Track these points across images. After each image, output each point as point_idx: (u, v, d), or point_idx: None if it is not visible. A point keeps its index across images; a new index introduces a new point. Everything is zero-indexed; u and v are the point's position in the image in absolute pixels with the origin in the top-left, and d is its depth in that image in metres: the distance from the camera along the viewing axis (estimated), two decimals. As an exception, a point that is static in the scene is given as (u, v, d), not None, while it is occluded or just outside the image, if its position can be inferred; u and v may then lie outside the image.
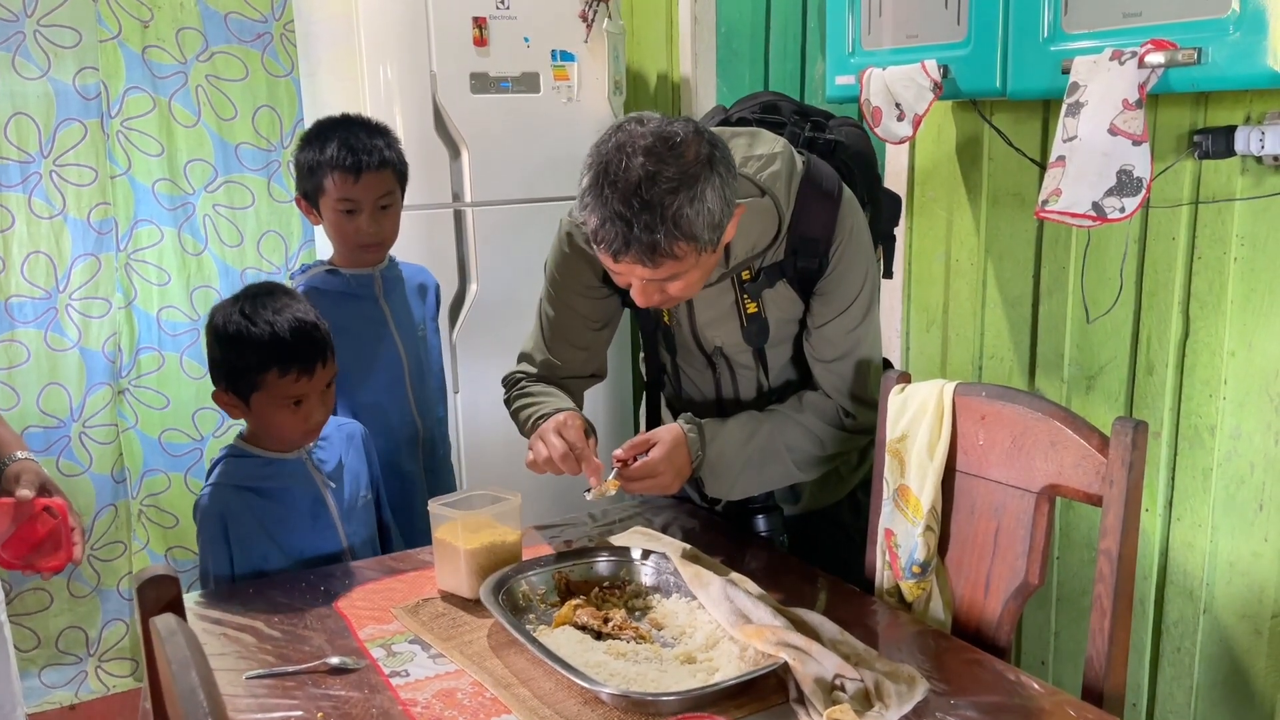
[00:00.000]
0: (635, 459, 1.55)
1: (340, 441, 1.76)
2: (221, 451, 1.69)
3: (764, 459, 1.59)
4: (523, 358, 1.76)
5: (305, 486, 1.68)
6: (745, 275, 1.55)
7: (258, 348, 1.57)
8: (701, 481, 1.62)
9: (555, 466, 1.53)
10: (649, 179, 1.29)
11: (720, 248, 1.41)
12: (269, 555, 1.63)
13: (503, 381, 1.78)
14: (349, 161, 1.88)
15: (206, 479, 1.66)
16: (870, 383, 1.59)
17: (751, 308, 1.56)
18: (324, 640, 1.36)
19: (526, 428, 1.65)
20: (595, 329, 1.71)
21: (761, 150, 1.52)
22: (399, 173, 1.99)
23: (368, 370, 1.98)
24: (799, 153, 1.56)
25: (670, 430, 1.56)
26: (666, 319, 1.63)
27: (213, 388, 1.65)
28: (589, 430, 1.59)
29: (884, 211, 1.78)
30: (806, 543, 1.72)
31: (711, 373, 1.66)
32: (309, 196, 1.96)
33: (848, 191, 1.55)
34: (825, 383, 1.60)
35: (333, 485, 1.71)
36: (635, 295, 1.43)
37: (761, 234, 1.50)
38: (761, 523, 1.72)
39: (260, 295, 1.64)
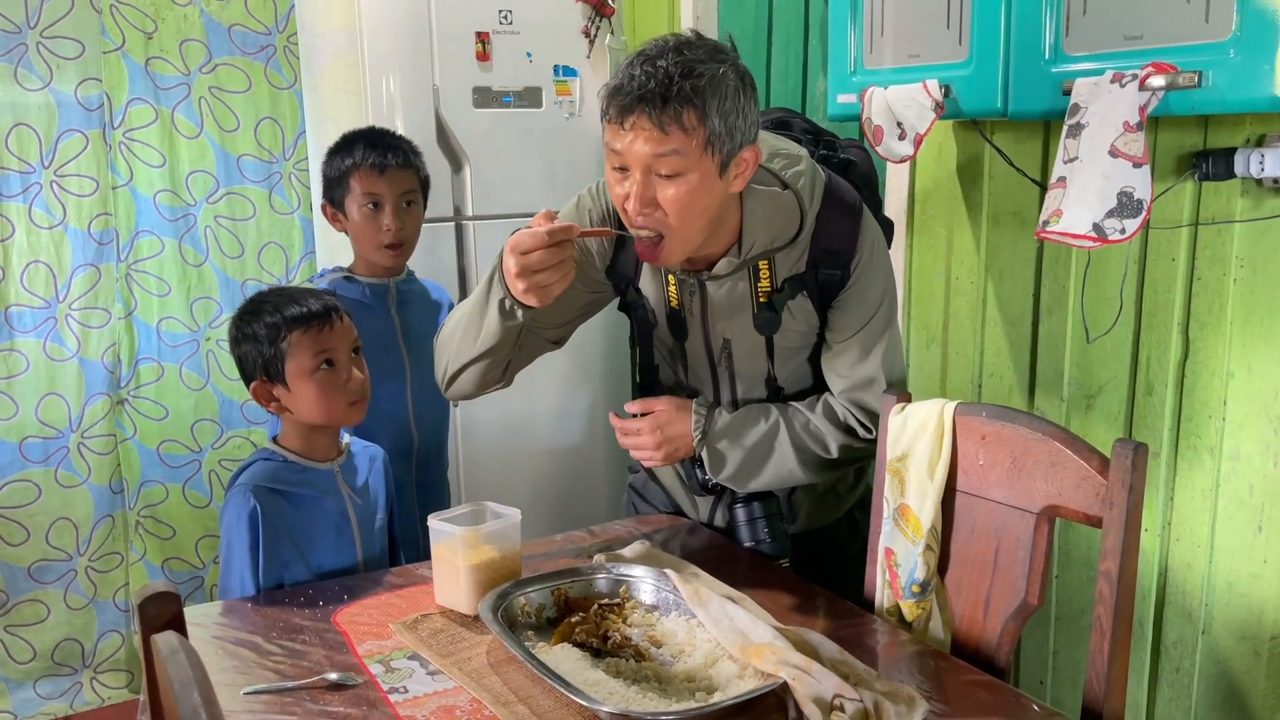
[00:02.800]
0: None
1: (364, 462, 1.78)
2: (252, 455, 1.70)
3: (769, 451, 1.59)
4: None
5: (333, 499, 1.69)
6: (764, 282, 1.54)
7: (278, 323, 1.64)
8: (704, 468, 1.63)
9: (554, 256, 1.38)
10: (678, 49, 1.34)
11: (724, 179, 1.39)
12: (291, 563, 1.63)
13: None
14: (374, 159, 2.00)
15: (233, 481, 1.67)
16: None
17: (764, 299, 1.56)
18: (322, 656, 1.35)
19: (485, 292, 1.52)
20: (576, 290, 1.58)
21: (788, 149, 1.53)
22: (422, 178, 2.08)
23: (370, 378, 2.00)
24: (820, 167, 1.56)
25: (678, 400, 1.61)
26: (675, 302, 1.60)
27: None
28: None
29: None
30: (804, 562, 1.72)
31: (712, 373, 1.66)
32: (336, 202, 2.05)
33: (866, 208, 1.56)
34: (842, 396, 1.60)
35: (358, 502, 1.72)
36: (632, 195, 1.36)
37: (782, 228, 1.50)
38: (764, 536, 1.70)
39: (262, 293, 1.72)
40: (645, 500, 1.88)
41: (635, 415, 1.66)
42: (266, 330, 1.64)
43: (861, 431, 1.59)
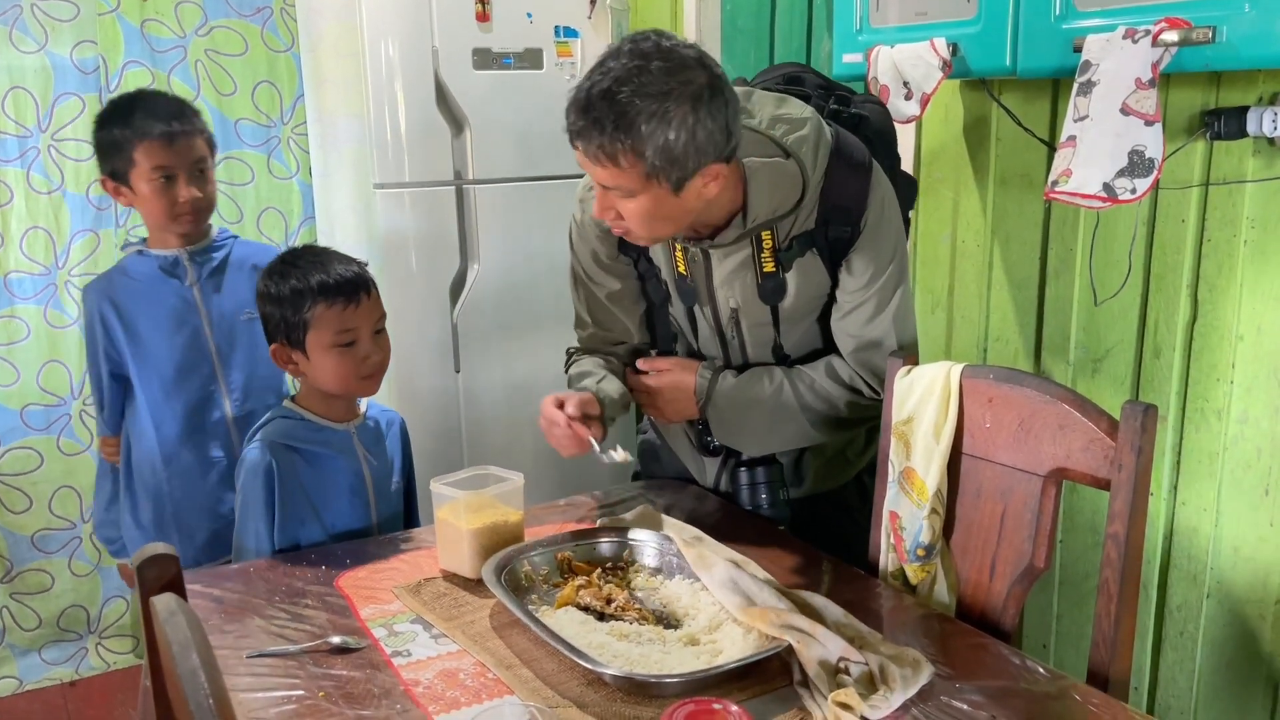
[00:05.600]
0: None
1: (382, 425, 1.77)
2: (269, 414, 1.69)
3: (773, 413, 1.59)
4: (576, 325, 1.79)
5: (349, 460, 1.69)
6: (768, 242, 1.53)
7: (303, 290, 1.62)
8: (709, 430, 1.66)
9: (553, 439, 1.58)
10: (623, 78, 1.30)
11: (685, 194, 1.38)
12: (307, 522, 1.64)
13: (566, 352, 1.83)
14: (160, 129, 1.85)
15: (249, 438, 1.67)
16: None
17: (769, 267, 1.54)
18: (325, 620, 1.35)
19: None
20: (624, 301, 1.71)
21: (791, 113, 1.50)
22: (209, 142, 1.95)
23: (172, 360, 1.92)
24: (827, 124, 1.54)
25: (685, 361, 1.65)
26: (682, 268, 1.61)
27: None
28: (605, 408, 1.60)
29: (901, 194, 1.76)
30: (812, 525, 1.71)
31: (722, 340, 1.65)
32: (118, 175, 1.90)
33: (877, 164, 1.54)
34: (851, 357, 1.59)
35: (374, 463, 1.72)
36: (594, 205, 1.44)
37: (785, 197, 1.49)
38: (763, 502, 1.70)
39: (296, 252, 1.70)
40: (654, 461, 1.88)
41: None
42: (291, 295, 1.62)
43: (868, 392, 1.58)
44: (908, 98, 1.84)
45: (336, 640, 1.28)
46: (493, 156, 2.59)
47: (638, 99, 1.29)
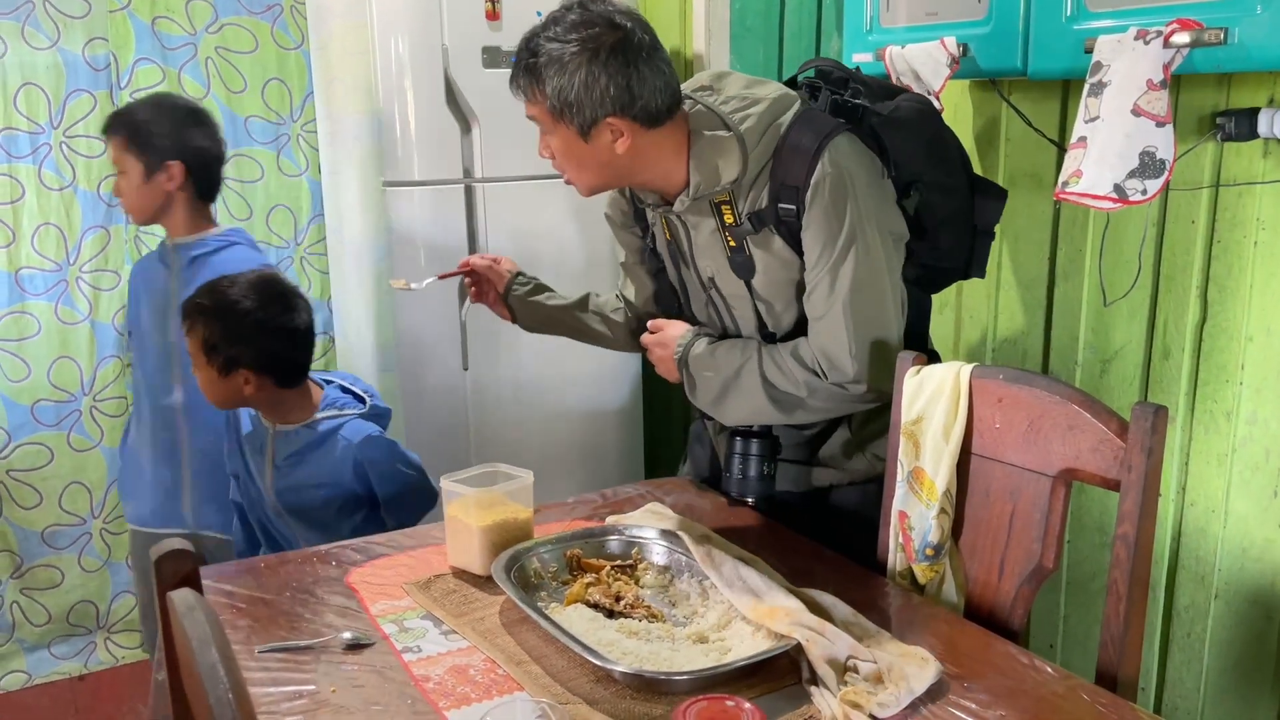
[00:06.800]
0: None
1: (327, 443, 1.88)
2: None
3: (737, 382, 1.60)
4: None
5: (234, 456, 2.00)
6: (729, 218, 1.57)
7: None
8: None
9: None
10: (543, 28, 1.49)
11: (595, 144, 1.50)
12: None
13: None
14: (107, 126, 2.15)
15: None
16: (849, 345, 1.51)
17: (732, 242, 1.59)
18: (336, 615, 1.36)
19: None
20: (637, 271, 1.83)
21: (751, 93, 1.56)
22: (131, 145, 2.14)
23: (147, 346, 2.24)
24: (809, 106, 1.56)
25: (680, 324, 1.72)
26: (668, 235, 1.67)
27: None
28: (517, 280, 1.96)
29: (961, 200, 1.65)
30: (835, 529, 1.70)
31: (713, 309, 1.69)
32: None
33: (842, 145, 1.50)
34: (811, 339, 1.57)
35: (274, 471, 1.89)
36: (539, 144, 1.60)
37: (727, 169, 1.53)
38: (743, 472, 1.68)
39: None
40: (699, 443, 1.90)
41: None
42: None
43: (821, 376, 1.55)
44: (928, 93, 1.84)
45: (347, 636, 1.29)
46: (502, 155, 2.59)
47: (545, 45, 1.47)
